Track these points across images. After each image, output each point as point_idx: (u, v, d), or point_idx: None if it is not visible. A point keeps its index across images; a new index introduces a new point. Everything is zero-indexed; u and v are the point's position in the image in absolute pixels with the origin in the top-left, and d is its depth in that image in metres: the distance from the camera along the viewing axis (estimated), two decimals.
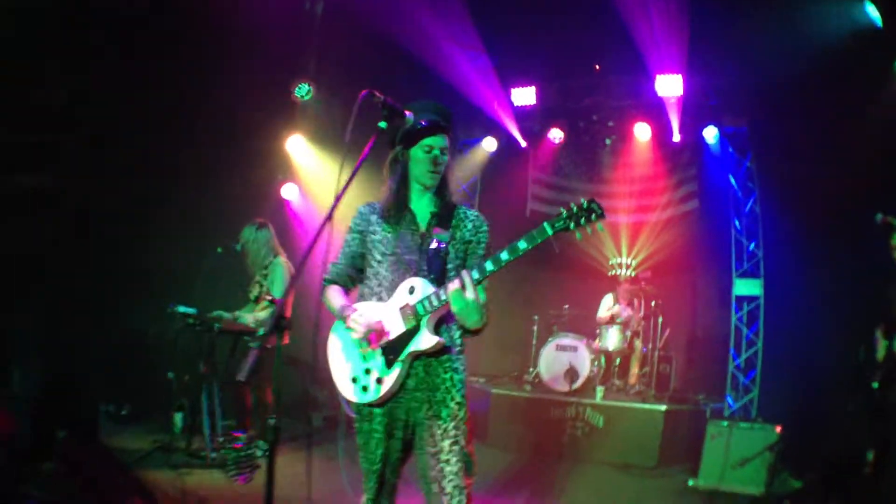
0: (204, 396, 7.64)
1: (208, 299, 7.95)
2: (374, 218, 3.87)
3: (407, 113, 3.51)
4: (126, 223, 9.30)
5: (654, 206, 10.97)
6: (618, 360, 10.12)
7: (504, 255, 3.37)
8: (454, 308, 3.45)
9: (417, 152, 3.75)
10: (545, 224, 3.34)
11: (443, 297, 3.51)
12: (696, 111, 10.34)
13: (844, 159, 8.25)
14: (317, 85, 11.07)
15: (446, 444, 3.59)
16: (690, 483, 7.57)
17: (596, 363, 9.73)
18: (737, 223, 10.07)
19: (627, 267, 11.00)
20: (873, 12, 8.35)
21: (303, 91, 11.01)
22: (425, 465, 3.63)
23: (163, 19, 9.07)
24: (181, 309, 7.59)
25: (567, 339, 9.78)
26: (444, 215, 3.83)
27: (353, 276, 3.97)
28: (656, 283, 10.23)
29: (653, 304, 10.10)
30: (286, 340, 7.83)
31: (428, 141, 3.72)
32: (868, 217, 6.70)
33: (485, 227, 3.84)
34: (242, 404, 7.96)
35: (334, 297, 3.85)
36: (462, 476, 3.58)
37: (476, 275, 3.42)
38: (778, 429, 7.42)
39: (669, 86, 9.85)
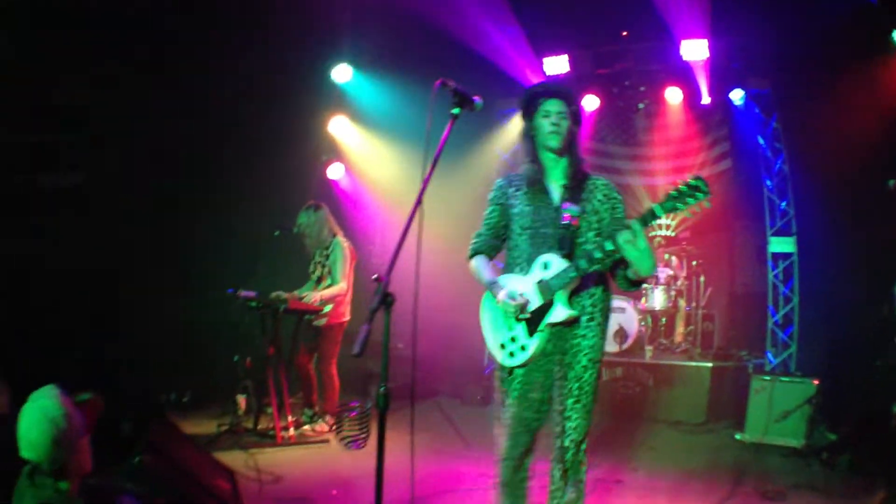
0: (270, 376, 7.81)
1: (268, 281, 8.25)
2: (510, 191, 4.28)
3: (476, 98, 3.72)
4: (172, 212, 9.56)
5: (690, 166, 11.19)
6: (663, 320, 10.49)
7: (608, 245, 3.80)
8: (629, 257, 3.76)
9: (539, 120, 4.17)
10: (655, 207, 3.72)
11: (570, 274, 3.91)
12: (721, 74, 10.53)
13: (866, 119, 8.50)
14: (354, 65, 11.40)
15: (569, 402, 4.05)
16: (738, 437, 8.04)
17: (643, 323, 10.08)
18: (768, 182, 10.32)
19: (667, 227, 11.29)
20: None
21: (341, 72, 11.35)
22: (553, 421, 4.14)
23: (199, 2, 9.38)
24: (242, 292, 7.79)
25: (615, 301, 10.07)
26: (576, 188, 4.18)
27: (497, 246, 4.40)
28: (696, 243, 10.51)
29: (694, 263, 10.44)
30: (348, 317, 8.31)
31: (544, 107, 4.15)
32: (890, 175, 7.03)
33: (615, 193, 4.24)
34: (308, 381, 8.34)
35: (482, 268, 4.30)
36: (582, 431, 4.05)
37: (598, 254, 3.85)
38: (815, 382, 7.80)
39: (695, 50, 10.04)
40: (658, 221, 10.81)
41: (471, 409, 10.06)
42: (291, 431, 7.81)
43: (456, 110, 3.70)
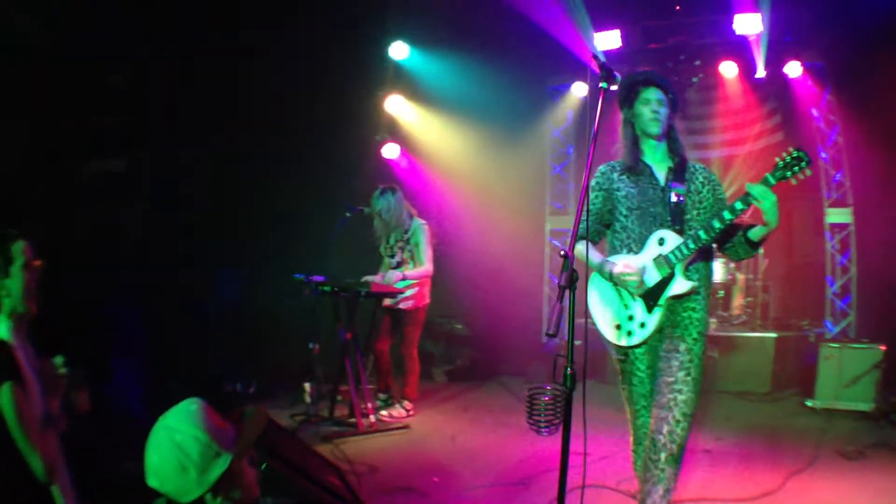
0: (348, 363, 7.61)
1: (333, 264, 8.12)
2: (615, 176, 4.38)
3: (616, 73, 3.81)
4: (231, 199, 9.64)
5: (744, 139, 11.26)
6: (721, 292, 10.52)
7: (738, 205, 3.95)
8: (765, 207, 3.91)
9: (639, 107, 4.32)
10: (768, 176, 3.92)
11: (690, 246, 4.02)
12: (775, 47, 10.56)
13: None
14: (410, 42, 11.48)
15: (681, 374, 4.09)
16: (808, 403, 8.27)
17: None
18: (823, 154, 10.42)
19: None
20: None
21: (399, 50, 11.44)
22: (659, 391, 4.14)
23: None
24: (314, 278, 7.62)
25: None
26: (679, 170, 4.33)
27: (601, 231, 4.50)
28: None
29: None
30: (428, 300, 8.27)
31: (645, 94, 4.31)
32: None
33: (713, 176, 4.43)
34: (385, 366, 8.35)
35: (590, 252, 4.18)
36: (691, 405, 4.07)
37: (717, 224, 4.01)
38: (883, 347, 8.02)
39: (748, 24, 10.09)
40: None
41: None
42: (372, 418, 7.69)
43: (604, 84, 3.77)
